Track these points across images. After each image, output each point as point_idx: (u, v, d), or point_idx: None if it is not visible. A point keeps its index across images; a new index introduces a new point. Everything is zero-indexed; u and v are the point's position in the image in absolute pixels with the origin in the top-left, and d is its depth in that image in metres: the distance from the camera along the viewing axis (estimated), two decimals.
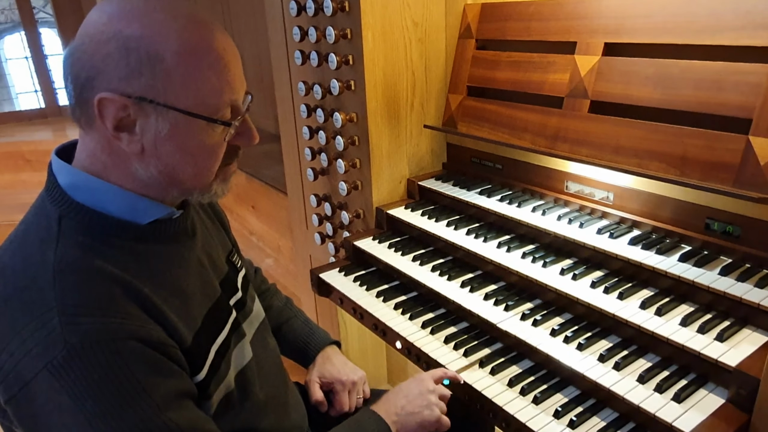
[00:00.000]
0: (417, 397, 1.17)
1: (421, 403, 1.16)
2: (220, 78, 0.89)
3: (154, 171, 0.91)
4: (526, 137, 1.58)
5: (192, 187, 0.95)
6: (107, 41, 0.83)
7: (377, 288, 1.67)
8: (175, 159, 0.91)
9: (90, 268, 0.85)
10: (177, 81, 0.86)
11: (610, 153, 1.38)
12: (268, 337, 1.23)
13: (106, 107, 0.85)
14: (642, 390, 1.10)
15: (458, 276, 1.56)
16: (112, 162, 0.91)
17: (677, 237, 1.36)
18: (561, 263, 1.45)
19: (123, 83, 0.84)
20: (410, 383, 1.21)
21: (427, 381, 1.21)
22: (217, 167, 0.96)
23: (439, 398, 1.20)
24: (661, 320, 1.19)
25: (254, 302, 1.20)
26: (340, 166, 1.89)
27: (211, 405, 0.97)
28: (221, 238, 1.20)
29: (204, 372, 0.95)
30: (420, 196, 1.94)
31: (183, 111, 0.87)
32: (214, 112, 0.90)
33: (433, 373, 1.25)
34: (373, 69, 1.75)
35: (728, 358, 1.06)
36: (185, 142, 0.90)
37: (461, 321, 1.49)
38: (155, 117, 0.87)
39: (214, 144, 0.93)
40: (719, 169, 1.18)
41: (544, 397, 1.19)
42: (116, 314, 0.83)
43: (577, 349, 1.23)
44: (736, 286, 1.17)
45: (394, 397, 1.18)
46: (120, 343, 0.81)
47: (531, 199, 1.68)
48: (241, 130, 0.96)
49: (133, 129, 0.87)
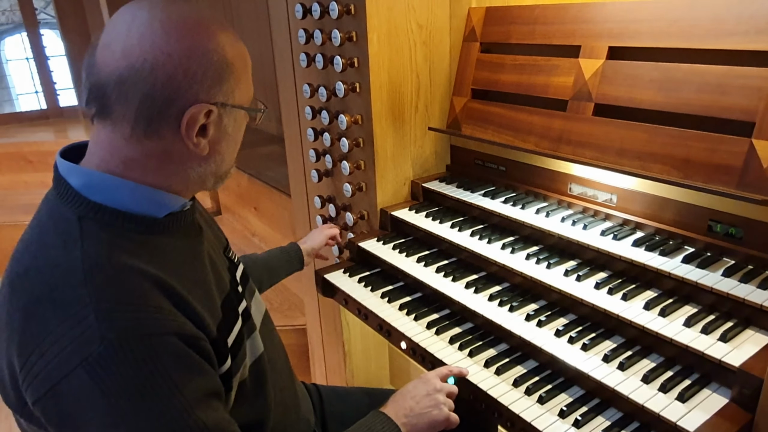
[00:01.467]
0: (425, 397, 1.18)
1: (429, 404, 1.17)
2: (251, 75, 1.01)
3: (211, 168, 0.98)
4: (530, 139, 1.59)
5: (225, 174, 1.03)
6: (186, 57, 0.87)
7: (382, 289, 1.69)
8: (228, 153, 1.00)
9: (119, 264, 0.85)
10: (241, 83, 0.96)
11: (613, 155, 1.40)
12: (273, 331, 1.24)
13: (193, 117, 0.90)
14: (646, 390, 1.12)
15: (463, 277, 1.58)
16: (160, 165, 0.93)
17: (680, 239, 1.38)
18: (565, 264, 1.46)
19: (208, 93, 0.91)
20: (417, 384, 1.22)
21: (434, 380, 1.22)
22: None
23: (446, 396, 1.21)
24: (665, 321, 1.20)
25: (254, 297, 1.21)
26: (345, 168, 1.91)
27: (230, 397, 0.98)
28: (217, 234, 1.21)
29: (228, 362, 0.96)
30: (424, 198, 1.96)
31: (244, 108, 0.98)
32: (254, 104, 1.02)
33: (438, 372, 1.26)
34: (378, 71, 1.77)
35: (731, 358, 1.07)
36: (237, 135, 1.00)
37: (466, 322, 1.50)
38: (227, 118, 0.95)
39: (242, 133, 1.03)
40: (722, 171, 1.20)
41: (549, 397, 1.21)
42: (150, 309, 0.84)
43: (582, 350, 1.24)
44: (739, 287, 1.18)
45: (401, 399, 1.19)
46: (157, 338, 0.82)
47: (534, 201, 1.70)
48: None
49: (207, 131, 0.94)
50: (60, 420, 0.81)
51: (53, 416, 0.81)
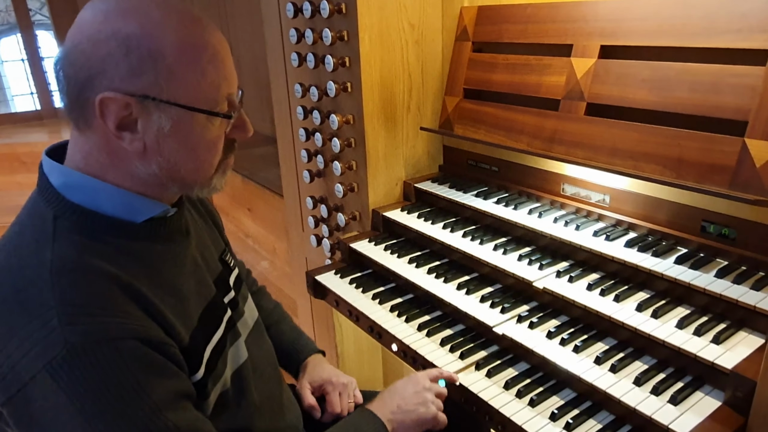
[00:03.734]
0: (413, 395, 1.16)
1: (416, 401, 1.15)
2: (218, 72, 0.90)
3: (155, 168, 0.91)
4: (523, 139, 1.58)
5: (193, 182, 0.96)
6: (106, 40, 0.83)
7: (373, 290, 1.67)
8: (178, 155, 0.91)
9: (88, 267, 0.84)
10: (178, 77, 0.86)
11: (606, 155, 1.38)
12: (262, 337, 1.22)
13: (107, 107, 0.85)
14: (638, 392, 1.10)
15: (454, 278, 1.56)
16: (111, 161, 0.90)
17: (673, 239, 1.36)
18: (557, 266, 1.44)
19: (125, 82, 0.84)
20: (406, 382, 1.20)
21: (423, 379, 1.20)
22: (218, 161, 0.97)
23: (435, 396, 1.20)
24: (657, 323, 1.18)
25: (247, 302, 1.20)
26: (337, 168, 1.89)
27: (208, 405, 0.97)
28: (214, 237, 1.19)
29: (201, 371, 0.95)
30: (416, 199, 1.94)
31: (185, 106, 0.88)
32: (214, 106, 0.91)
33: (428, 372, 1.24)
34: (369, 71, 1.75)
35: (724, 360, 1.06)
36: (187, 138, 0.91)
37: (457, 323, 1.48)
38: (157, 114, 0.87)
39: (214, 138, 0.94)
40: (715, 171, 1.18)
41: (540, 400, 1.19)
42: (116, 313, 0.82)
43: (574, 352, 1.23)
44: (732, 288, 1.17)
45: (389, 396, 1.17)
46: (120, 342, 0.81)
47: (527, 202, 1.68)
48: (237, 123, 0.98)
49: (135, 127, 0.87)
50: (30, 422, 0.79)
51: (23, 418, 0.80)
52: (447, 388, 1.25)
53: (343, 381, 1.34)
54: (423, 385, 1.18)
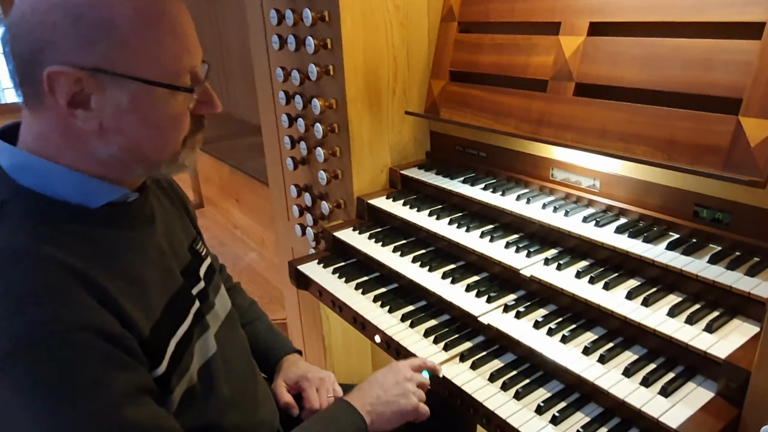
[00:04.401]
0: (393, 385, 1.11)
1: (397, 392, 1.10)
2: (178, 43, 0.84)
3: (115, 148, 0.85)
4: (510, 122, 1.52)
5: (158, 160, 0.90)
6: (51, 9, 0.77)
7: (356, 280, 1.62)
8: (139, 133, 0.86)
9: (38, 254, 0.78)
10: (133, 48, 0.80)
11: (595, 137, 1.33)
12: (235, 329, 1.17)
13: (57, 82, 0.78)
14: (627, 384, 1.05)
15: (439, 267, 1.51)
16: (66, 142, 0.84)
17: (665, 225, 1.31)
18: (545, 253, 1.39)
19: (74, 54, 0.78)
20: (386, 372, 1.15)
21: (404, 369, 1.15)
22: (183, 137, 0.91)
23: (417, 386, 1.14)
24: (647, 311, 1.13)
25: (218, 294, 1.14)
26: (320, 155, 1.83)
27: (173, 400, 0.91)
28: (185, 225, 1.14)
29: (164, 365, 0.89)
30: (402, 186, 1.88)
31: (142, 80, 0.82)
32: (175, 79, 0.85)
33: (411, 362, 1.19)
34: (352, 53, 1.69)
35: (717, 349, 1.01)
36: (147, 114, 0.85)
37: (442, 313, 1.43)
38: (112, 89, 0.81)
39: (178, 113, 0.88)
40: (708, 152, 1.13)
41: (526, 392, 1.14)
42: (67, 303, 0.77)
43: (561, 342, 1.18)
44: (725, 274, 1.12)
45: (368, 387, 1.12)
46: (72, 334, 0.75)
47: (516, 188, 1.63)
48: (203, 98, 0.92)
49: (89, 104, 0.81)
50: None
51: None
52: (433, 380, 1.21)
53: (319, 376, 1.28)
54: (404, 375, 1.13)
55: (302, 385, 1.27)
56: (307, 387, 1.26)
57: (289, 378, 1.29)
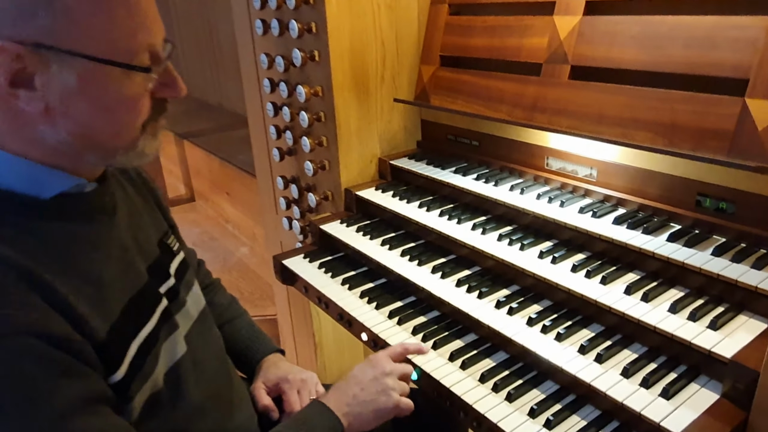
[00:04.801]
0: (371, 382, 1.04)
1: (375, 389, 1.03)
2: (133, 17, 0.77)
3: (64, 133, 0.78)
4: (503, 109, 1.45)
5: (114, 147, 0.83)
6: None
7: (343, 275, 1.55)
8: (90, 117, 0.78)
9: None
10: (79, 22, 0.73)
11: (592, 123, 1.25)
12: (209, 329, 1.10)
13: None
14: (626, 385, 0.98)
15: (429, 261, 1.43)
16: (9, 126, 0.77)
17: (666, 215, 1.24)
18: (540, 245, 1.32)
19: (12, 27, 0.70)
20: (364, 367, 1.08)
21: (383, 361, 1.07)
22: (141, 122, 0.83)
23: (400, 378, 1.07)
24: (647, 306, 1.06)
25: (190, 291, 1.07)
26: (306, 145, 1.76)
27: (133, 408, 0.84)
28: (154, 218, 1.06)
29: (123, 370, 0.82)
30: (392, 177, 1.81)
31: (91, 57, 0.74)
32: (130, 58, 0.77)
33: (391, 351, 1.11)
34: (338, 38, 1.61)
35: (723, 348, 0.94)
36: (99, 96, 0.78)
37: (431, 310, 1.36)
38: (58, 67, 0.73)
39: (135, 95, 0.80)
40: (712, 136, 1.06)
41: (518, 394, 1.07)
42: (10, 305, 0.70)
43: (556, 340, 1.11)
44: (730, 267, 1.05)
45: (345, 386, 1.05)
46: (14, 339, 0.69)
47: (509, 178, 1.56)
48: (165, 80, 0.84)
49: (32, 84, 0.74)
50: None
51: None
52: (420, 381, 1.14)
53: (301, 377, 1.21)
54: (382, 370, 1.05)
55: (282, 387, 1.20)
56: (288, 389, 1.19)
57: (269, 380, 1.22)
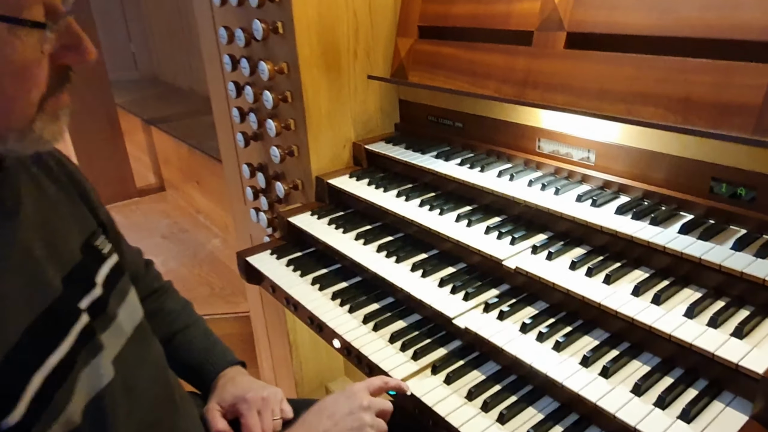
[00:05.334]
0: (345, 417, 0.89)
1: (350, 425, 0.88)
2: None
3: None
4: (489, 85, 1.28)
5: (1, 129, 0.67)
6: None
7: (314, 273, 1.38)
8: None
9: None
10: None
11: (592, 99, 1.10)
12: (148, 347, 0.92)
13: None
14: (638, 404, 0.84)
15: (408, 257, 1.28)
16: None
17: (674, 203, 1.10)
18: (533, 239, 1.17)
19: None
20: (338, 398, 0.93)
21: (360, 394, 0.92)
22: (37, 97, 0.68)
23: (377, 414, 0.92)
24: (660, 310, 0.92)
25: (124, 302, 0.89)
26: (271, 128, 1.58)
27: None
28: (79, 217, 0.89)
29: (20, 410, 0.66)
30: (368, 163, 1.65)
31: None
32: (16, 10, 0.62)
33: (368, 384, 0.96)
34: (303, 7, 1.43)
35: (753, 361, 0.80)
36: None
37: (412, 313, 1.21)
38: None
39: (27, 61, 0.65)
40: (733, 112, 0.91)
41: (511, 414, 0.92)
42: None
43: (554, 349, 0.96)
44: (756, 263, 0.90)
45: (316, 419, 0.89)
46: None
47: (497, 162, 1.40)
48: (67, 41, 0.68)
49: None
50: None
51: None
52: (399, 398, 0.99)
53: (262, 395, 1.05)
54: (359, 404, 0.90)
55: (240, 408, 1.04)
56: (246, 410, 1.03)
57: (225, 400, 1.05)
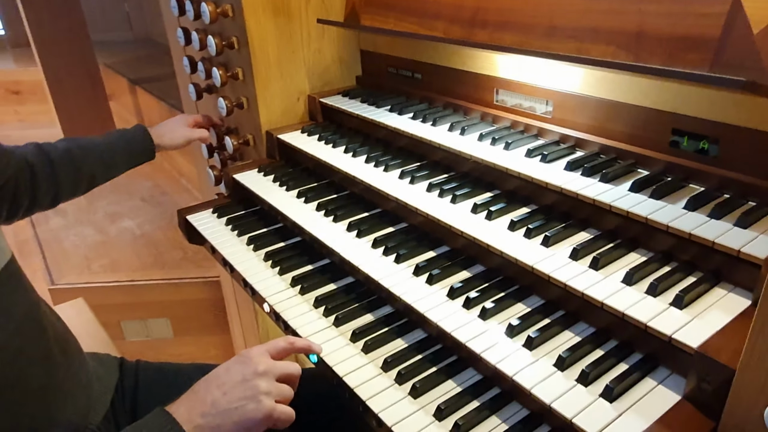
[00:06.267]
0: (238, 384, 0.78)
1: (242, 394, 0.77)
2: None
3: None
4: (438, 26, 1.16)
5: None
6: None
7: (251, 233, 1.29)
8: None
9: None
10: None
11: (541, 37, 0.97)
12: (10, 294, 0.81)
13: None
14: (559, 380, 0.74)
15: (346, 217, 1.18)
16: None
17: (632, 159, 0.98)
18: (476, 197, 1.06)
19: None
20: (232, 365, 0.82)
21: (256, 359, 0.81)
22: None
23: (281, 379, 0.82)
24: (597, 275, 0.81)
25: None
26: (216, 77, 1.47)
27: None
28: None
29: None
30: (323, 117, 1.54)
31: None
32: None
33: (271, 346, 0.85)
34: None
35: (689, 333, 0.69)
36: None
37: (345, 276, 1.12)
38: None
39: None
40: (690, 46, 0.78)
41: (427, 386, 0.83)
42: None
43: (481, 317, 0.86)
44: (708, 224, 0.79)
45: (204, 389, 0.79)
46: None
47: (452, 116, 1.28)
48: None
49: None
50: None
51: None
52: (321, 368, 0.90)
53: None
54: (253, 369, 0.80)
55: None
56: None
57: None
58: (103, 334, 1.55)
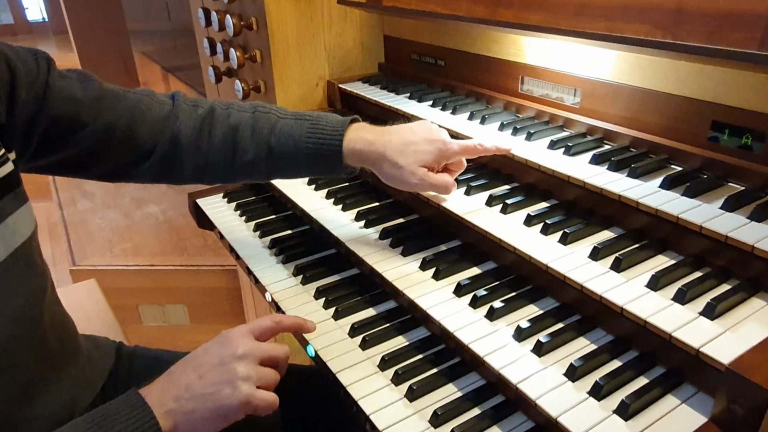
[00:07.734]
0: (215, 367, 0.71)
1: (218, 378, 0.71)
2: None
3: None
4: (461, 5, 1.09)
5: None
6: None
7: (258, 219, 1.24)
8: None
9: None
10: None
11: (569, 16, 0.89)
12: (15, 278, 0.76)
13: None
14: (570, 391, 0.66)
15: (356, 206, 1.12)
16: None
17: (666, 153, 0.89)
18: (492, 190, 0.99)
19: None
20: (211, 345, 0.75)
21: (236, 341, 0.74)
22: None
23: (265, 363, 0.75)
24: (619, 278, 0.73)
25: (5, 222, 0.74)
26: (233, 59, 1.43)
27: None
28: None
29: None
30: (342, 104, 1.48)
31: None
32: None
33: (254, 326, 0.77)
34: None
35: (718, 348, 0.61)
36: None
37: (350, 267, 1.06)
38: None
39: None
40: (734, 24, 0.69)
41: (426, 389, 0.76)
42: None
43: (487, 318, 0.79)
44: (748, 227, 0.70)
45: (180, 371, 0.73)
46: None
47: (474, 104, 1.21)
48: None
49: None
50: None
51: None
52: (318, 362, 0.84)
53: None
54: (232, 352, 0.73)
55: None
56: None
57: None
58: (111, 316, 1.53)
